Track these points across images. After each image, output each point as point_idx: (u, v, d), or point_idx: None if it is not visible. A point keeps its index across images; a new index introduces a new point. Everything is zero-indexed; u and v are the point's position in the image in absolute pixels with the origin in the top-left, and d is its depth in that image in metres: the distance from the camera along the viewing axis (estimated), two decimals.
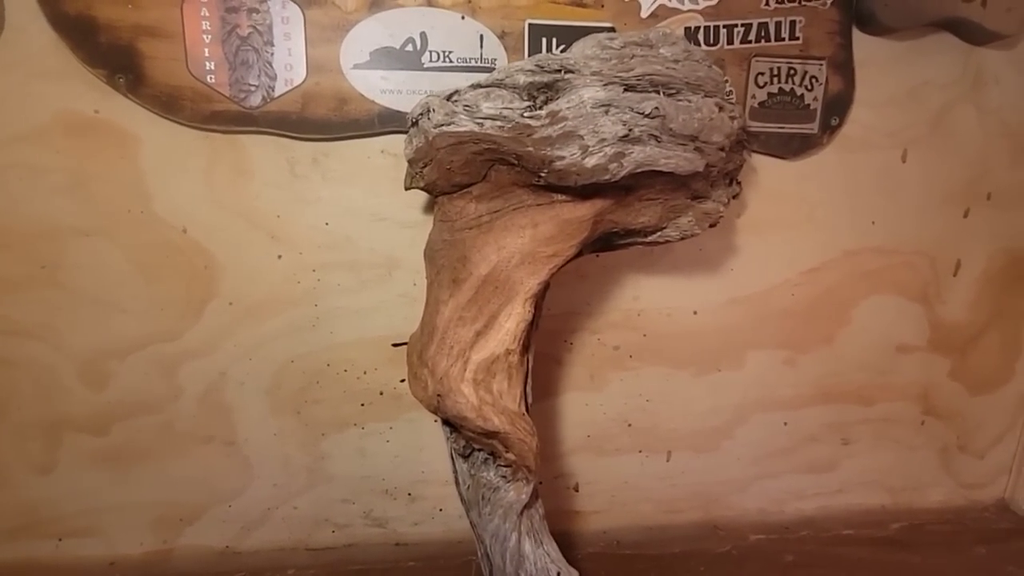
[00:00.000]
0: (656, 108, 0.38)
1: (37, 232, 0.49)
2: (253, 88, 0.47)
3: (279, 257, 0.52)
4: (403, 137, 0.45)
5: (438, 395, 0.41)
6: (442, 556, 0.59)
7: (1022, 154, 0.60)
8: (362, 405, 0.57)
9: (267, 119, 0.48)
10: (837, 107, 0.55)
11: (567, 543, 0.60)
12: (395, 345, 0.55)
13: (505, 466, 0.43)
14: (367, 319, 0.54)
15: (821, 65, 0.53)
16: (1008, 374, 0.66)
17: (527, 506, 0.44)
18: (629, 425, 0.61)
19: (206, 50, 0.46)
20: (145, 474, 0.55)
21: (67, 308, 0.51)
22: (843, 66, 0.54)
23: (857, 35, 0.54)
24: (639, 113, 0.38)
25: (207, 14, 0.46)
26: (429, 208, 0.52)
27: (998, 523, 0.67)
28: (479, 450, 0.44)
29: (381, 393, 0.57)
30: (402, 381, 0.56)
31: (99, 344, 0.52)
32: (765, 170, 0.56)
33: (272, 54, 0.47)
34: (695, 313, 0.59)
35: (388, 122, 0.49)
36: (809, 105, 0.54)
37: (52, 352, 0.51)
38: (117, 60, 0.45)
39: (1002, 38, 0.54)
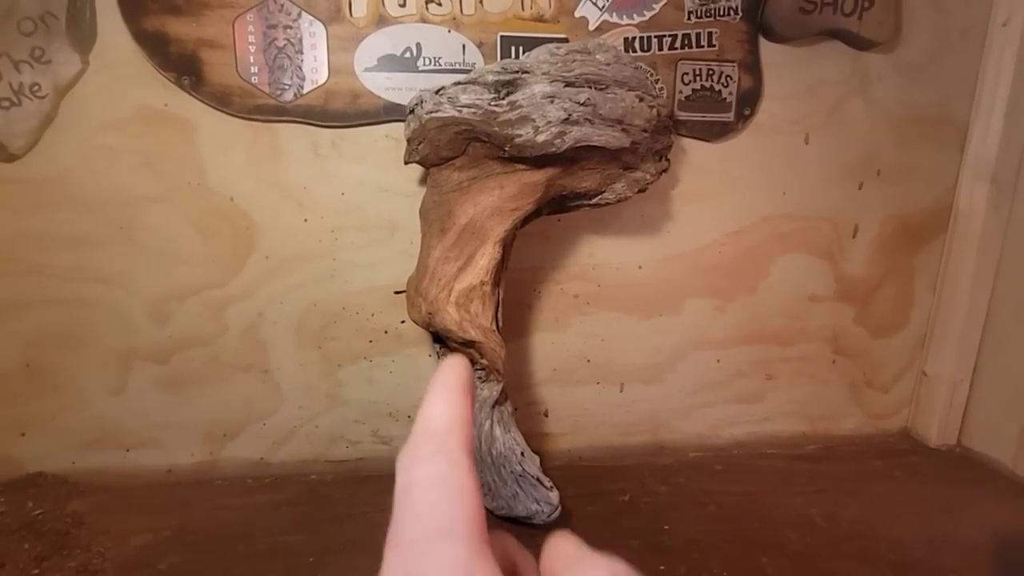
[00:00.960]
0: (588, 98, 0.52)
1: (117, 200, 0.63)
2: (287, 87, 0.61)
3: (305, 220, 0.66)
4: (403, 124, 0.59)
5: (429, 313, 0.55)
6: None
7: (903, 138, 0.73)
8: (370, 342, 0.70)
9: (297, 111, 0.62)
10: (748, 100, 0.69)
11: None
12: (396, 293, 0.69)
13: (480, 369, 0.56)
14: (374, 271, 0.68)
15: (734, 66, 0.67)
16: (904, 321, 0.80)
17: (498, 402, 0.57)
18: (588, 361, 0.75)
19: (251, 57, 0.60)
20: (197, 396, 0.68)
21: (139, 260, 0.64)
22: (752, 67, 0.68)
23: (764, 43, 0.68)
24: (576, 102, 0.52)
25: (252, 29, 0.59)
26: (422, 181, 0.66)
27: (899, 446, 0.81)
28: None
29: (386, 332, 0.70)
30: (403, 322, 0.70)
31: (163, 289, 0.65)
32: (693, 151, 0.70)
33: (302, 60, 0.61)
34: (640, 267, 0.73)
35: (391, 113, 0.63)
36: (726, 99, 0.68)
37: (126, 295, 0.65)
38: (183, 65, 0.59)
39: (878, 45, 0.68)
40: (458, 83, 0.53)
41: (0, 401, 0.65)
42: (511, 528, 0.59)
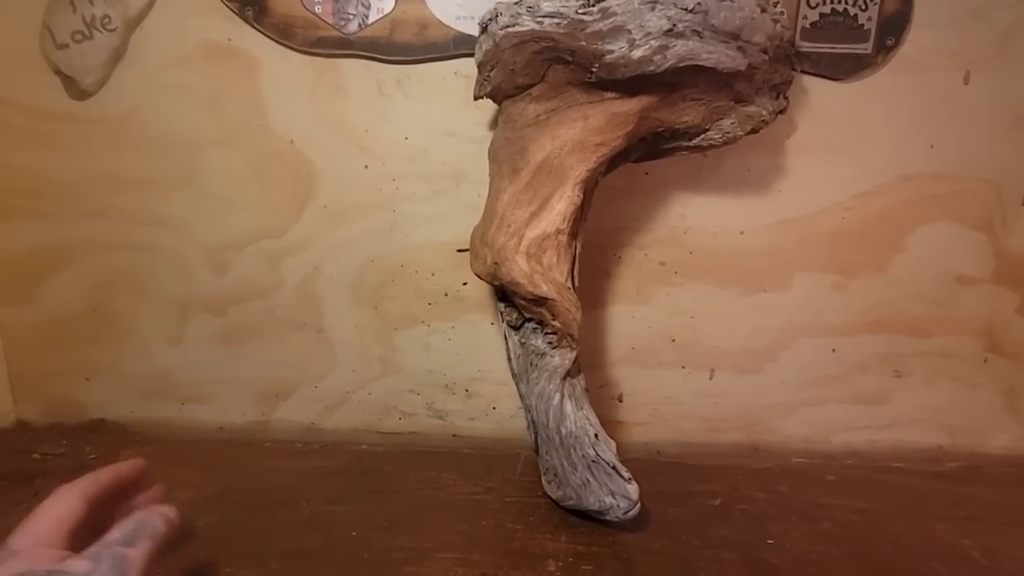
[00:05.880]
0: (699, 3, 0.42)
1: (181, 141, 0.60)
2: (351, 16, 0.56)
3: (365, 167, 0.61)
4: (473, 60, 0.52)
5: (495, 263, 0.47)
6: (494, 448, 0.65)
7: None
8: (429, 304, 0.64)
9: (361, 43, 0.57)
10: (893, 27, 0.56)
11: None
12: (460, 251, 0.62)
13: (551, 333, 0.48)
14: (437, 225, 0.62)
15: None
16: None
17: (570, 373, 0.49)
18: (673, 340, 0.65)
19: None
20: (251, 352, 0.65)
21: (199, 205, 0.62)
22: None
23: None
24: (683, 9, 0.42)
25: None
26: (493, 125, 0.59)
27: None
28: (529, 320, 0.50)
29: (446, 294, 0.64)
30: (464, 284, 0.63)
31: (222, 237, 0.63)
32: (816, 91, 0.58)
33: None
34: (742, 233, 0.62)
35: (461, 46, 0.57)
36: (863, 25, 0.56)
37: (187, 241, 0.63)
38: None
39: None
40: None
41: (69, 344, 0.65)
42: (581, 523, 0.51)
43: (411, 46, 0.57)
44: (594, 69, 0.44)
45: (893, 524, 0.53)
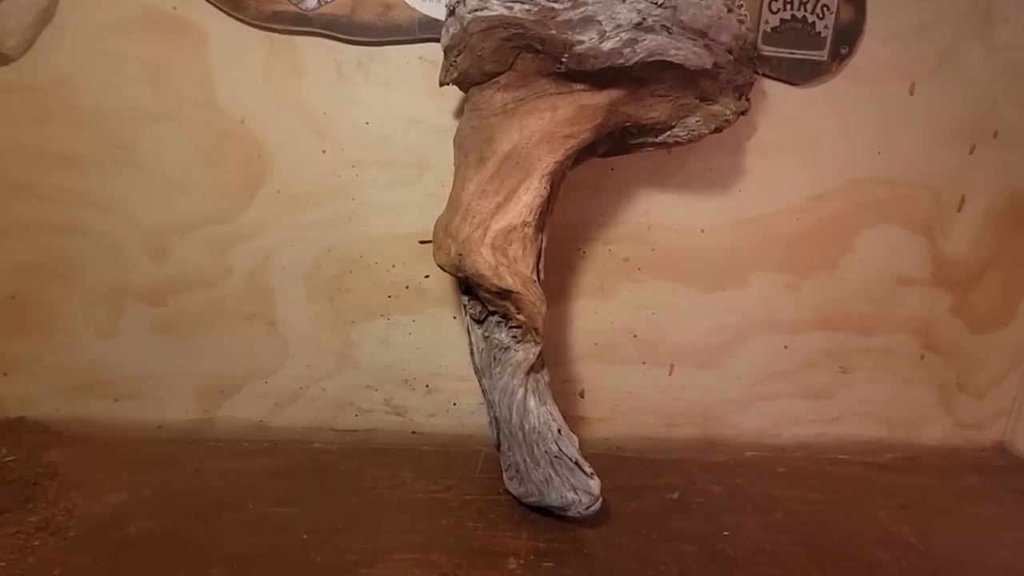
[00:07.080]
0: None
1: (117, 115, 0.56)
2: None
3: (323, 152, 0.58)
4: (439, 45, 0.50)
5: (459, 255, 0.46)
6: (454, 445, 0.63)
7: None
8: (389, 297, 0.62)
9: (320, 21, 0.54)
10: (847, 36, 0.58)
11: None
12: (422, 242, 0.60)
13: (516, 327, 0.47)
14: (398, 215, 0.60)
15: None
16: (1010, 315, 0.68)
17: (534, 368, 0.48)
18: (634, 336, 0.65)
19: None
20: (194, 345, 0.61)
21: (138, 186, 0.57)
22: None
23: None
24: (652, 3, 0.42)
25: None
26: (459, 113, 0.57)
27: (995, 462, 0.69)
28: (493, 313, 0.49)
29: (407, 287, 0.62)
30: (426, 277, 0.61)
31: (163, 221, 0.58)
32: (775, 95, 0.59)
33: None
34: (702, 231, 0.63)
35: (427, 29, 0.55)
36: (820, 32, 0.58)
37: (122, 225, 0.58)
38: None
39: None
40: None
41: None
42: (542, 520, 0.50)
43: (374, 27, 0.54)
44: (564, 59, 0.44)
45: (839, 513, 0.55)
